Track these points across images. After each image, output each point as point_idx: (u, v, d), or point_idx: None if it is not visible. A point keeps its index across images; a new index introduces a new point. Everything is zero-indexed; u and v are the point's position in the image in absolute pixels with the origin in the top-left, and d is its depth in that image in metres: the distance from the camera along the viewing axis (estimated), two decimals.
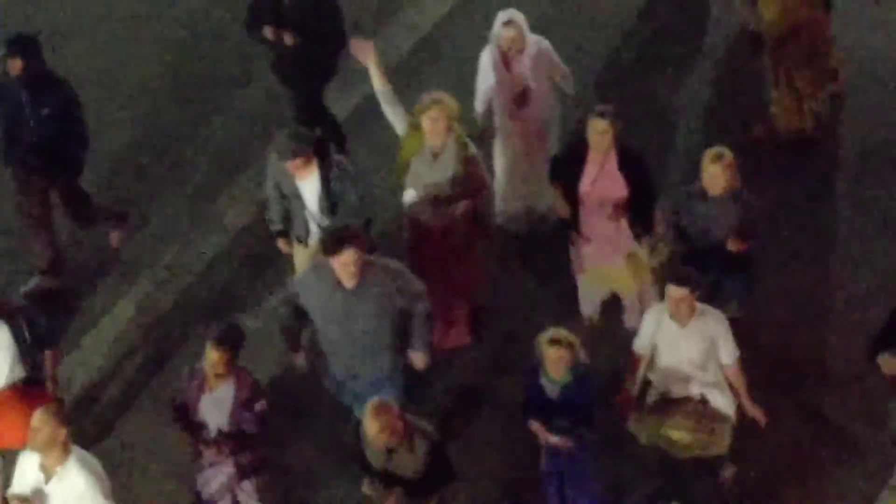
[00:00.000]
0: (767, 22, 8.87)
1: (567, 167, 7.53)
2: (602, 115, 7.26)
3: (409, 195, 7.64)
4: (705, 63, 10.23)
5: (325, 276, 6.52)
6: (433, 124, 7.23)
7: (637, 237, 7.55)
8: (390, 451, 6.14)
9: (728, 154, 7.14)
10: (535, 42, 8.05)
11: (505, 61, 7.96)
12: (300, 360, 7.18)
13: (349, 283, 6.43)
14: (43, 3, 10.84)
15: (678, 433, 6.93)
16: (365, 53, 7.72)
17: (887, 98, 9.66)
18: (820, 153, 9.41)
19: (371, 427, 5.94)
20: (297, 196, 7.37)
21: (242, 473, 6.75)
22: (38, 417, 5.96)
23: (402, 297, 6.65)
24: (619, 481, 7.33)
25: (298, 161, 7.12)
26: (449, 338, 7.86)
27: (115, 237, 8.69)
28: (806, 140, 9.23)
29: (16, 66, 7.67)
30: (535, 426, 6.71)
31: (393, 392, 6.74)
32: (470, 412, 7.95)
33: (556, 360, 6.40)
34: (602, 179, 7.36)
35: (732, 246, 7.20)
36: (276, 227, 7.68)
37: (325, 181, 7.30)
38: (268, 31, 8.30)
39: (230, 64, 10.28)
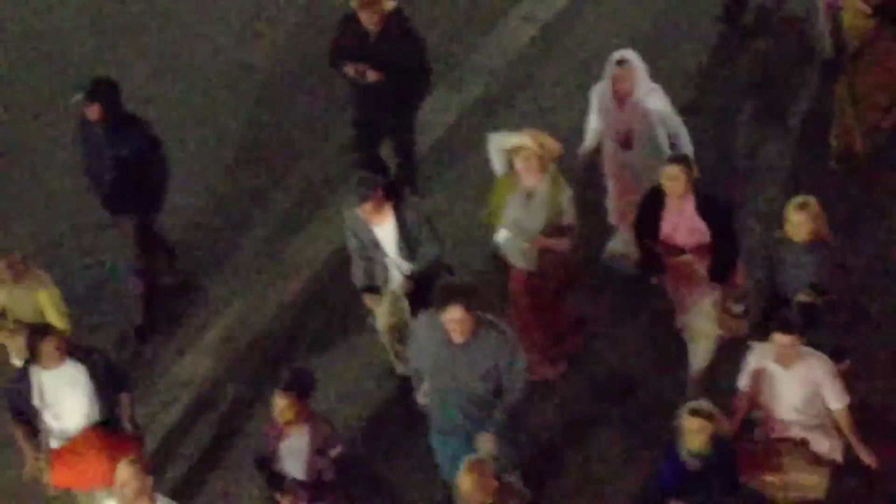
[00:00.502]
0: (849, 44, 9.33)
1: (645, 216, 7.71)
2: (675, 160, 7.57)
3: (503, 236, 7.92)
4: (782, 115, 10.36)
5: (436, 326, 6.67)
6: (526, 163, 7.42)
7: (715, 285, 7.69)
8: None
9: (813, 202, 7.35)
10: (650, 88, 8.26)
11: (617, 98, 8.17)
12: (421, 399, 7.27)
13: (457, 339, 6.58)
14: (127, 50, 11.46)
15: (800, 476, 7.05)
16: None
17: None
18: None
19: (465, 483, 6.07)
20: (376, 244, 7.54)
21: None
22: (125, 471, 6.19)
23: (504, 371, 6.78)
24: None
25: (368, 206, 7.27)
26: (543, 369, 8.16)
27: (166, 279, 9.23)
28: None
29: (94, 111, 8.16)
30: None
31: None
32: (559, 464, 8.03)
33: (697, 432, 6.50)
34: (682, 226, 7.52)
35: (804, 298, 7.30)
36: (361, 283, 7.83)
37: (402, 225, 7.40)
38: (349, 69, 8.56)
39: (305, 113, 10.60)
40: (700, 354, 7.88)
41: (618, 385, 8.44)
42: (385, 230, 7.47)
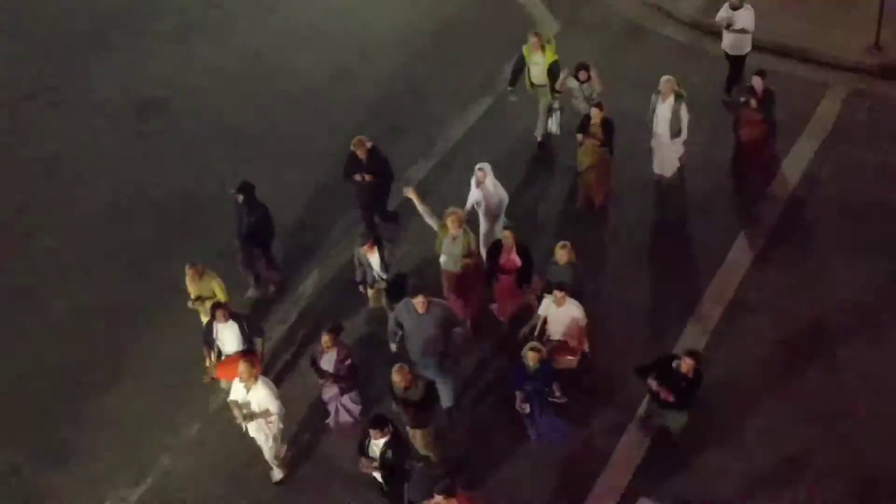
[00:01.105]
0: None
1: (493, 253, 13.37)
2: (507, 228, 13.65)
3: (443, 259, 13.53)
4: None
5: (411, 306, 12.15)
6: (453, 222, 13.05)
7: (523, 287, 13.45)
8: (405, 389, 11.49)
9: (569, 245, 12.75)
10: (493, 181, 14.14)
11: (477, 184, 14.10)
12: (392, 347, 12.68)
13: (420, 310, 12.08)
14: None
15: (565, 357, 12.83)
16: (410, 192, 13.76)
17: None
18: None
19: (395, 376, 11.43)
20: (369, 265, 13.41)
21: (342, 391, 12.59)
22: (242, 365, 11.57)
23: (447, 322, 12.28)
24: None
25: (366, 246, 13.19)
26: (468, 314, 13.59)
27: (271, 277, 15.01)
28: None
29: (239, 198, 13.93)
30: (519, 395, 12.31)
31: (441, 374, 12.43)
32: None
33: (532, 358, 11.77)
34: (509, 259, 13.20)
35: (560, 285, 12.50)
36: (358, 279, 13.73)
37: (381, 256, 13.26)
38: (357, 176, 14.61)
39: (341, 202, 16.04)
40: (531, 320, 12.99)
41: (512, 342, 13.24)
42: (373, 258, 13.25)
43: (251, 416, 11.75)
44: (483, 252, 13.86)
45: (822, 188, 15.70)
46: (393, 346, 12.55)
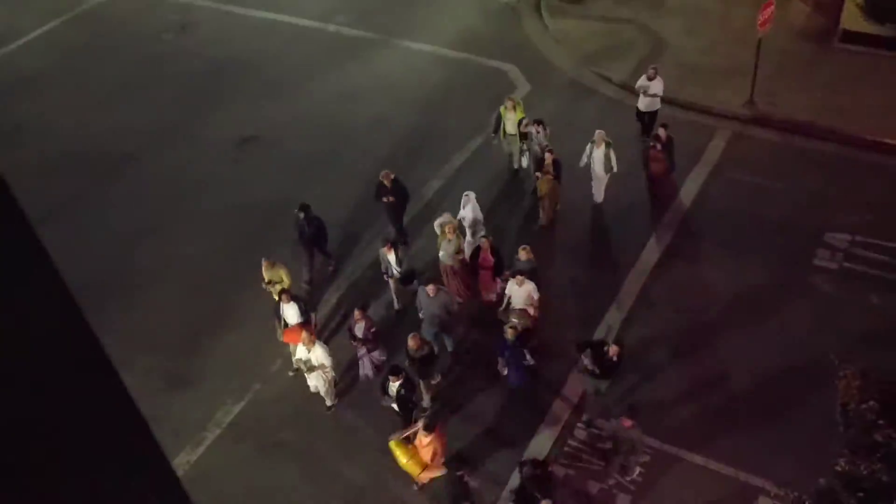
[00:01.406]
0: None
1: (474, 255, 13.68)
2: (485, 237, 13.76)
3: (441, 255, 13.89)
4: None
5: (424, 292, 12.74)
6: (450, 229, 13.60)
7: (497, 279, 13.77)
8: (416, 349, 11.97)
9: (528, 248, 13.15)
10: (474, 205, 14.47)
11: (464, 206, 14.50)
12: (420, 315, 13.17)
13: (432, 293, 12.65)
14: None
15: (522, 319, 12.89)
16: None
17: None
18: None
19: (410, 341, 12.01)
20: (388, 262, 13.72)
21: (369, 350, 12.81)
22: (305, 333, 12.12)
23: (448, 304, 12.81)
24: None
25: (385, 248, 13.64)
26: (461, 294, 14.02)
27: (324, 264, 15.22)
28: None
29: (300, 215, 14.22)
30: (500, 361, 12.71)
31: (443, 333, 13.17)
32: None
33: (510, 333, 12.09)
34: (486, 259, 13.49)
35: (521, 274, 12.98)
36: (383, 271, 13.92)
37: (397, 256, 13.62)
38: (384, 198, 14.82)
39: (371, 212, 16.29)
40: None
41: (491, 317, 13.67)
42: (391, 257, 13.58)
43: (312, 369, 12.15)
44: (467, 253, 14.12)
45: (711, 203, 15.99)
46: (420, 314, 12.95)
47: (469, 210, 14.38)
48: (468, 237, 14.45)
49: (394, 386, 11.50)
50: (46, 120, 19.57)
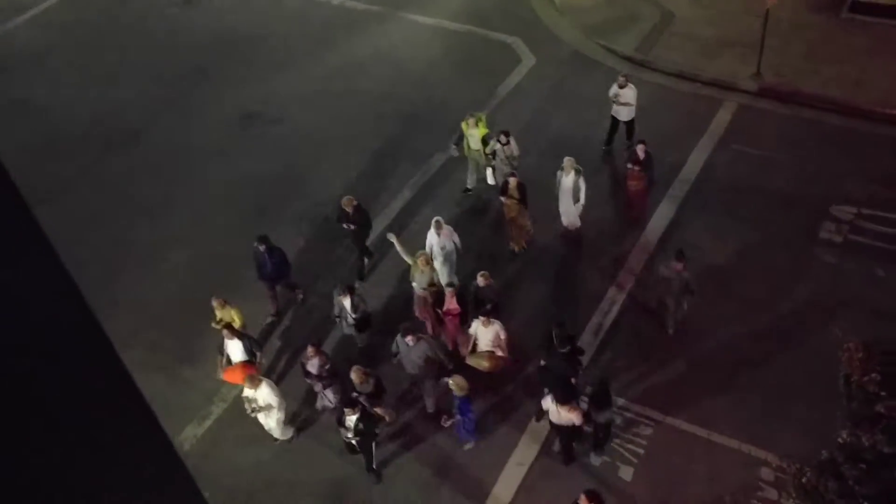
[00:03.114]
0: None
1: (438, 301, 12.66)
2: (450, 284, 12.72)
3: (414, 285, 13.03)
4: None
5: (402, 340, 11.66)
6: (422, 261, 12.73)
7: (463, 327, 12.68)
8: (360, 384, 11.34)
9: (486, 273, 12.53)
10: (449, 229, 13.44)
11: (438, 231, 13.31)
12: (393, 361, 12.07)
13: (411, 343, 11.54)
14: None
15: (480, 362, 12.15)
16: (393, 238, 13.35)
17: None
18: None
19: (353, 375, 11.39)
20: (343, 307, 12.66)
21: (324, 386, 11.82)
22: (247, 379, 11.34)
23: (429, 350, 11.63)
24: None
25: (342, 296, 12.58)
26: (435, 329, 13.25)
27: (292, 295, 14.26)
28: None
29: (261, 248, 13.24)
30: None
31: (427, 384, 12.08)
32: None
33: (456, 390, 11.16)
34: (451, 307, 12.45)
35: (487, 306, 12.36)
36: (335, 317, 12.92)
37: (353, 302, 12.58)
38: (346, 225, 13.98)
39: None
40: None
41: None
42: (346, 302, 12.51)
43: (259, 409, 11.43)
44: (442, 279, 13.28)
45: (717, 175, 15.91)
46: (394, 360, 11.96)
47: (441, 235, 13.28)
48: (437, 264, 13.28)
49: (351, 419, 10.83)
50: (49, 96, 19.55)
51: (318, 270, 14.70)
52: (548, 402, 10.87)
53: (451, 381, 11.04)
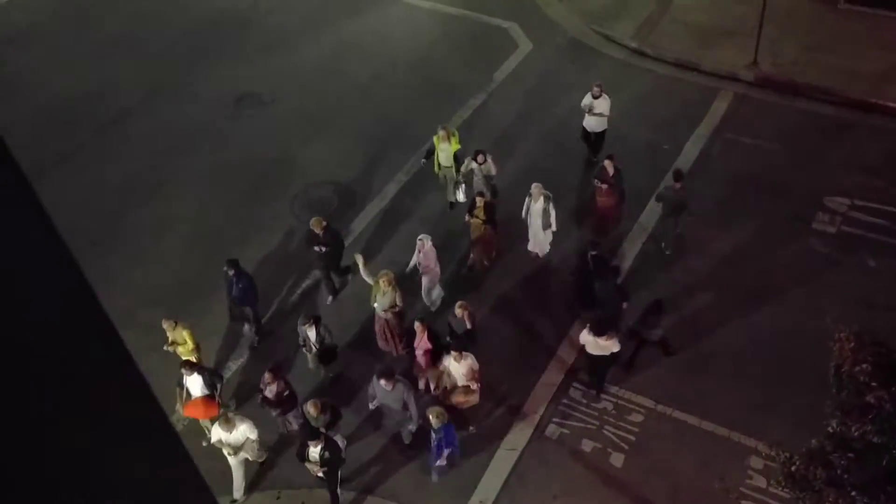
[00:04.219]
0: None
1: (409, 341, 12.37)
2: (420, 321, 11.91)
3: (375, 307, 12.48)
4: None
5: (378, 384, 11.10)
6: (385, 282, 12.18)
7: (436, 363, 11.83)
8: (316, 417, 11.01)
9: (465, 303, 12.09)
10: (429, 245, 12.88)
11: (423, 252, 12.91)
12: (370, 405, 11.65)
13: (388, 388, 11.00)
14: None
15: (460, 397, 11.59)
16: (359, 257, 12.84)
17: None
18: None
19: (309, 407, 11.03)
20: (308, 337, 12.15)
21: (283, 413, 11.60)
22: (221, 421, 10.76)
23: (406, 394, 11.09)
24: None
25: (306, 326, 12.03)
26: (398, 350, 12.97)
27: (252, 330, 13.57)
28: None
29: (230, 272, 12.67)
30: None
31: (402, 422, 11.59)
32: None
33: (437, 415, 10.58)
34: (422, 343, 11.84)
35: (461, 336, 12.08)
36: (301, 343, 12.37)
37: (317, 331, 12.04)
38: (315, 248, 13.27)
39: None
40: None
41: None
42: (311, 332, 12.01)
43: (239, 448, 10.83)
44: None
45: (711, 165, 15.91)
46: (371, 405, 11.45)
47: (425, 253, 12.87)
48: (424, 283, 13.09)
49: (315, 452, 10.37)
50: (41, 74, 19.37)
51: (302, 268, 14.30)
52: (584, 336, 11.31)
53: (430, 415, 10.52)
